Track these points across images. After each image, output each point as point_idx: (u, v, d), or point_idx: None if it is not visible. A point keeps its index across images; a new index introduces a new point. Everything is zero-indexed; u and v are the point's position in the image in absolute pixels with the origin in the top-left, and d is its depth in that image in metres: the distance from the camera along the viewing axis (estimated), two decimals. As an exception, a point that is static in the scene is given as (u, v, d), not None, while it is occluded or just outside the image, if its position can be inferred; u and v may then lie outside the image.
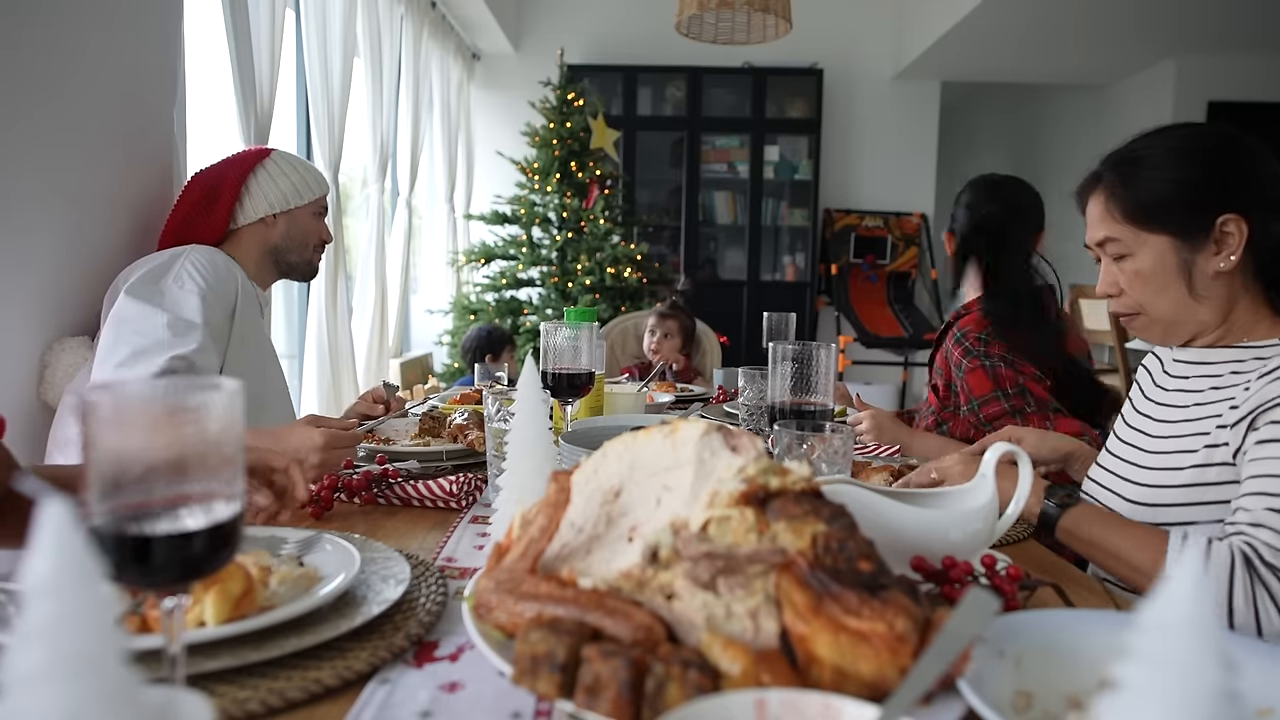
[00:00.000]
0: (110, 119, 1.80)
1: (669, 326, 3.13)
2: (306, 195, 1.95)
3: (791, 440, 1.04)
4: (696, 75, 5.84)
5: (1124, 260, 1.16)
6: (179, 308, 1.62)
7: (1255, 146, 1.12)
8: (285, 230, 1.94)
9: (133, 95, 1.88)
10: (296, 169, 1.94)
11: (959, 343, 1.81)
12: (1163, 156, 1.13)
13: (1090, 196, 1.20)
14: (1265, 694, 0.64)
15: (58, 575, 0.38)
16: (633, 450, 0.75)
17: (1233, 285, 1.13)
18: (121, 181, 1.86)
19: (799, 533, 0.64)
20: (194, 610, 0.73)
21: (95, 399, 0.49)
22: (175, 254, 1.72)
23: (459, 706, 0.68)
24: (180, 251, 1.73)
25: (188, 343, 1.56)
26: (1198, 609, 0.38)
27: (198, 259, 1.71)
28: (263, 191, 1.91)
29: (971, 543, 0.88)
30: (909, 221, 6.19)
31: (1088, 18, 4.84)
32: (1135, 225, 1.14)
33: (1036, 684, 0.66)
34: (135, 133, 1.90)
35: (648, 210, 6.09)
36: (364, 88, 3.86)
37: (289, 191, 1.92)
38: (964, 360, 1.79)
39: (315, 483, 1.23)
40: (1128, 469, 1.18)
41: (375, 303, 4.11)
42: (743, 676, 0.57)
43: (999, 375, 1.74)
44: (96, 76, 1.75)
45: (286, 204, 1.92)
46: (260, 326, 1.93)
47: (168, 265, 1.69)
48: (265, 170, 1.91)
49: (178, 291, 1.64)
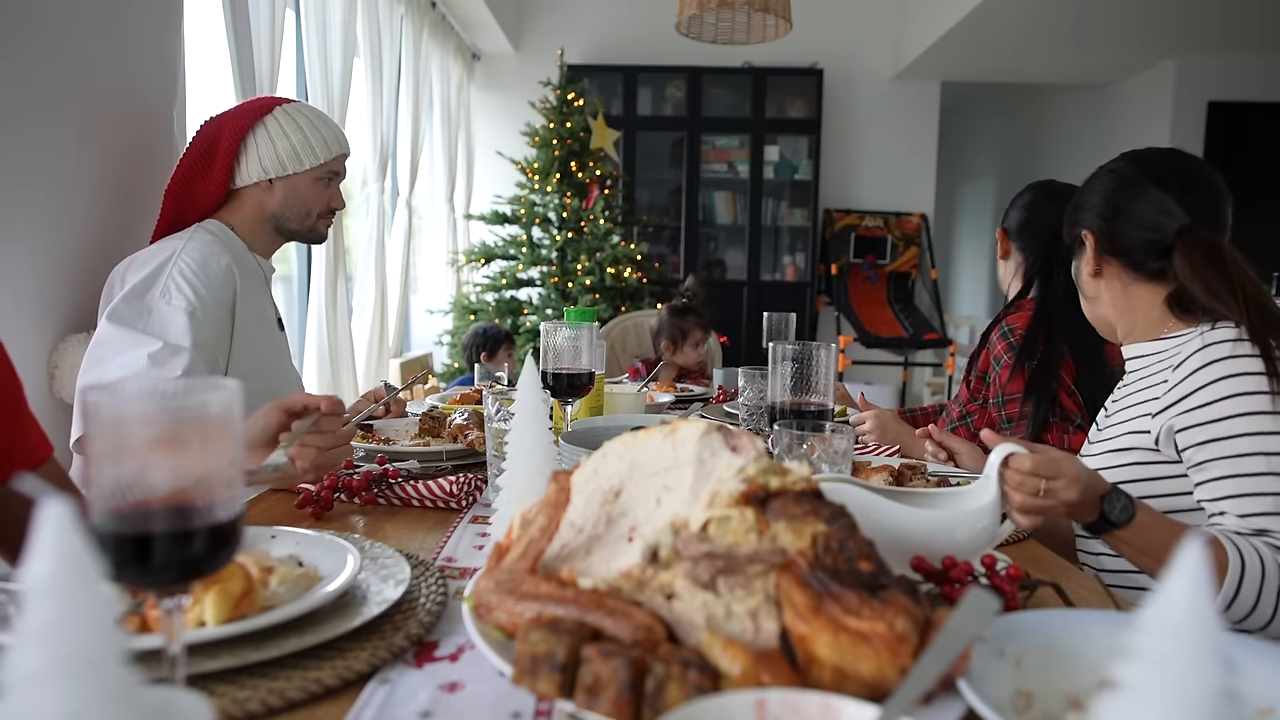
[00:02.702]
0: (110, 119, 1.80)
1: (699, 336, 3.10)
2: (308, 160, 1.75)
3: (791, 440, 1.04)
4: (696, 75, 5.84)
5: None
6: (165, 330, 1.51)
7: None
8: (283, 198, 1.77)
9: (133, 95, 1.88)
10: (301, 128, 1.75)
11: (1004, 337, 1.83)
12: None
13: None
14: (1265, 694, 0.64)
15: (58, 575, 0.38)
16: (633, 450, 0.75)
17: (1114, 286, 1.31)
18: (122, 181, 1.86)
19: (799, 533, 0.64)
20: (194, 610, 0.73)
21: (95, 399, 0.49)
22: (166, 257, 1.60)
23: (459, 706, 0.68)
24: (171, 252, 1.61)
25: (171, 370, 1.47)
26: (1198, 609, 0.38)
27: (188, 263, 1.60)
28: (260, 152, 1.73)
29: (973, 543, 0.88)
30: (909, 221, 6.19)
31: (1087, 18, 4.84)
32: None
33: (1036, 684, 0.66)
34: (135, 132, 1.90)
35: (648, 210, 6.10)
36: (364, 88, 3.86)
37: (286, 155, 1.73)
38: (1005, 355, 1.80)
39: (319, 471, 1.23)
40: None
41: (375, 303, 4.11)
42: (743, 676, 0.57)
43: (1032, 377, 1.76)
44: (97, 76, 1.75)
45: (283, 169, 1.73)
46: (266, 309, 1.82)
47: (156, 274, 1.58)
48: (265, 128, 1.74)
49: (165, 309, 1.54)
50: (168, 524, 0.51)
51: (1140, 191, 1.26)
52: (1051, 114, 7.25)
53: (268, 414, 1.21)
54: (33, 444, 1.10)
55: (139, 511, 0.51)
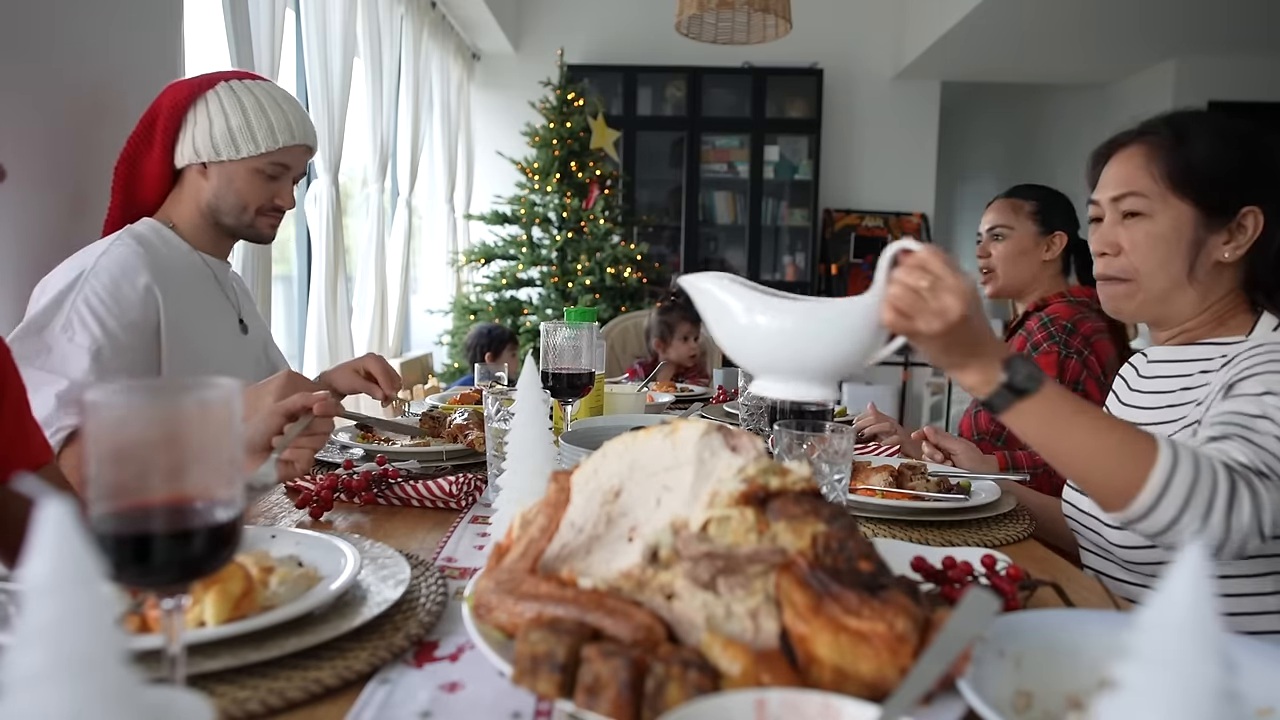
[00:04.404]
0: (111, 119, 1.80)
1: (686, 330, 3.13)
2: (245, 147, 1.53)
3: (791, 440, 1.04)
4: (696, 75, 5.84)
5: (1138, 220, 1.15)
6: (66, 368, 1.35)
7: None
8: (217, 186, 1.56)
9: (133, 95, 1.88)
10: (244, 110, 1.52)
11: (1044, 326, 1.87)
12: (1213, 132, 1.14)
13: (1121, 152, 1.19)
14: (1265, 694, 0.64)
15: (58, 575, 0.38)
16: (633, 450, 0.75)
17: (1223, 279, 1.15)
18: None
19: (799, 533, 0.64)
20: (194, 610, 0.73)
21: (95, 399, 0.49)
22: (73, 279, 1.41)
23: (459, 706, 0.68)
24: (80, 273, 1.42)
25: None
26: (1198, 609, 0.38)
27: (96, 290, 1.40)
28: (195, 131, 1.52)
29: (850, 348, 0.83)
30: (909, 221, 6.19)
31: (1088, 17, 4.84)
32: (1170, 187, 1.13)
33: (1036, 684, 0.66)
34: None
35: (648, 210, 6.09)
36: (364, 88, 3.86)
37: (221, 138, 1.52)
38: (1044, 343, 1.85)
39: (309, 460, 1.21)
40: None
41: (375, 303, 4.11)
42: (743, 676, 0.57)
43: (1065, 365, 1.80)
44: (97, 76, 1.75)
45: (216, 154, 1.53)
46: (217, 315, 1.61)
47: (59, 303, 1.39)
48: (206, 104, 1.52)
49: (65, 346, 1.36)
50: (167, 524, 0.51)
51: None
52: (1051, 114, 7.25)
53: (267, 418, 1.21)
54: (34, 448, 1.10)
55: (139, 511, 0.51)
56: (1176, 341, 1.20)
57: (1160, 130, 1.16)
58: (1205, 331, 1.17)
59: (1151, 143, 1.16)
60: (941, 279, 0.82)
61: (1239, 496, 0.88)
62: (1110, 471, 0.90)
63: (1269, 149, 1.13)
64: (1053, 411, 0.89)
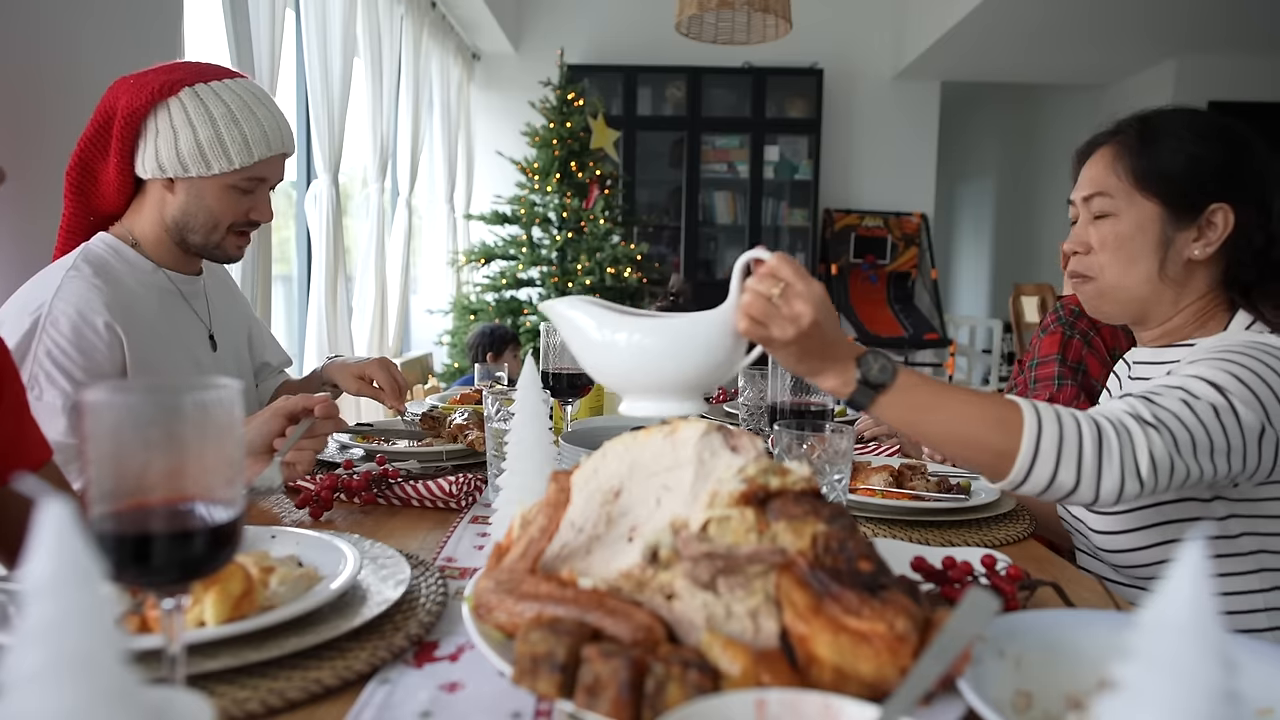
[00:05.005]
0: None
1: None
2: (218, 163, 1.36)
3: (791, 440, 1.04)
4: (696, 75, 5.84)
5: (1105, 220, 1.15)
6: (45, 431, 1.17)
7: (1258, 144, 1.13)
8: (184, 203, 1.40)
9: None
10: (216, 120, 1.35)
11: (1055, 311, 1.88)
12: (1182, 130, 1.12)
13: (1096, 151, 1.19)
14: (1265, 694, 0.64)
15: (58, 575, 0.38)
16: (633, 450, 0.75)
17: (1198, 278, 1.13)
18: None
19: (799, 533, 0.64)
20: (194, 610, 0.73)
21: (94, 400, 0.49)
22: (28, 329, 1.28)
23: (459, 706, 0.68)
24: (36, 319, 1.28)
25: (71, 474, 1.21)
26: (1198, 609, 0.38)
27: (57, 341, 1.28)
28: (158, 143, 1.36)
29: (708, 360, 0.84)
30: (909, 221, 6.19)
31: (1088, 18, 4.84)
32: (1135, 185, 1.12)
33: (1036, 684, 0.66)
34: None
35: (648, 210, 6.10)
36: (364, 88, 3.86)
37: (189, 154, 1.35)
38: (1052, 325, 1.86)
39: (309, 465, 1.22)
40: None
41: (375, 303, 4.11)
42: (743, 676, 0.57)
43: (1068, 345, 1.81)
44: (96, 76, 1.75)
45: (184, 170, 1.36)
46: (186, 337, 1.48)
47: (19, 360, 1.25)
48: (168, 112, 1.35)
49: (38, 407, 1.22)
50: (168, 524, 0.51)
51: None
52: (1051, 114, 7.25)
53: (269, 420, 1.20)
54: (33, 448, 1.11)
55: (139, 512, 0.51)
56: (1160, 343, 1.19)
57: (1130, 129, 1.16)
58: (1188, 332, 1.16)
59: (1120, 142, 1.15)
60: (792, 285, 0.85)
61: (1107, 443, 0.90)
62: (981, 445, 0.93)
63: (1241, 146, 1.11)
64: (913, 398, 0.92)
